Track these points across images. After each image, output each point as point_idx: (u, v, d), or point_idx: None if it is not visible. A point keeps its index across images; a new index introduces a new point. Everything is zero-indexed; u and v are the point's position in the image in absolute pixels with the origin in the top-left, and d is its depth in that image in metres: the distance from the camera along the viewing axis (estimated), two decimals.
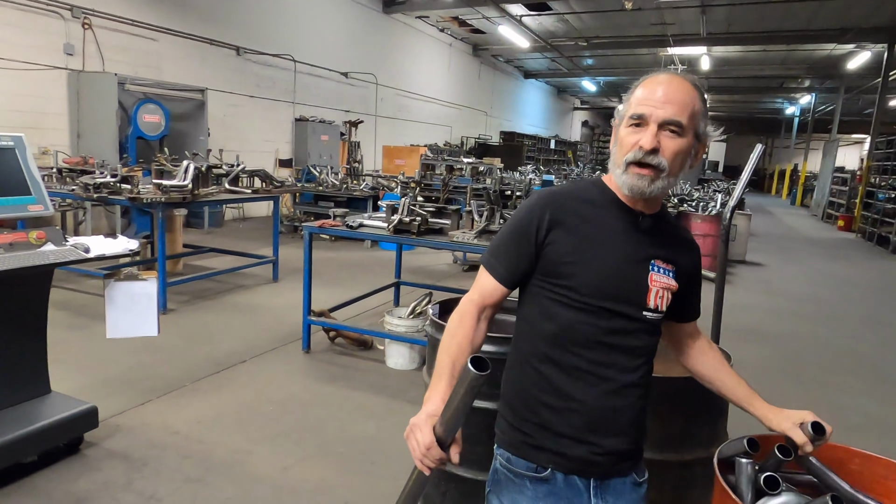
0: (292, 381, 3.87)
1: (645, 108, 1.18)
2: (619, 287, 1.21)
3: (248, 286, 6.11)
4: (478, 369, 0.93)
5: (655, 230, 1.27)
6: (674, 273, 1.27)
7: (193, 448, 2.96)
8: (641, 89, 1.21)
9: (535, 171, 15.16)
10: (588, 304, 1.20)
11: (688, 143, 1.19)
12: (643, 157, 1.16)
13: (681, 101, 1.18)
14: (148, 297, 2.88)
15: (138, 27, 8.81)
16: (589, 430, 1.21)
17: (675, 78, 1.21)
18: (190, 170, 5.14)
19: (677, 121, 1.17)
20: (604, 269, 1.21)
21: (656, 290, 1.24)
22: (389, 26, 15.02)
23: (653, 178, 1.17)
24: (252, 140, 10.97)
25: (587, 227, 1.23)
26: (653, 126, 1.17)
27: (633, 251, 1.24)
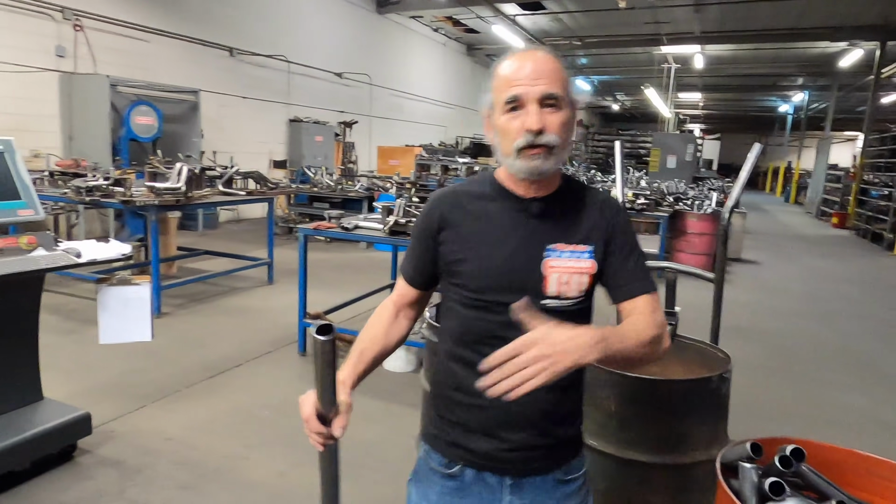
0: (288, 385, 3.84)
1: (518, 89, 1.12)
2: (510, 279, 1.17)
3: (243, 289, 6.07)
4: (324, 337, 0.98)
5: (553, 213, 1.21)
6: (590, 252, 1.19)
7: (187, 454, 2.93)
8: (506, 71, 1.15)
9: None
10: (480, 300, 1.19)
11: (568, 112, 1.16)
12: (533, 139, 1.12)
13: (550, 73, 1.13)
14: (141, 302, 2.84)
15: (130, 28, 8.75)
16: (495, 426, 1.20)
17: (534, 52, 1.17)
18: (183, 172, 5.09)
19: (554, 93, 1.12)
20: (492, 262, 1.19)
21: (557, 276, 1.17)
22: (383, 26, 14.99)
23: (546, 156, 1.14)
24: (246, 141, 10.92)
25: (477, 222, 1.22)
26: (532, 105, 1.12)
27: (525, 240, 1.19)
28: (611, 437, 2.00)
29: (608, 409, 1.99)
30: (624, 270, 1.21)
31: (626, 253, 1.22)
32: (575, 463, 1.28)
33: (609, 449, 1.99)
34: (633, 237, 1.25)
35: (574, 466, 1.27)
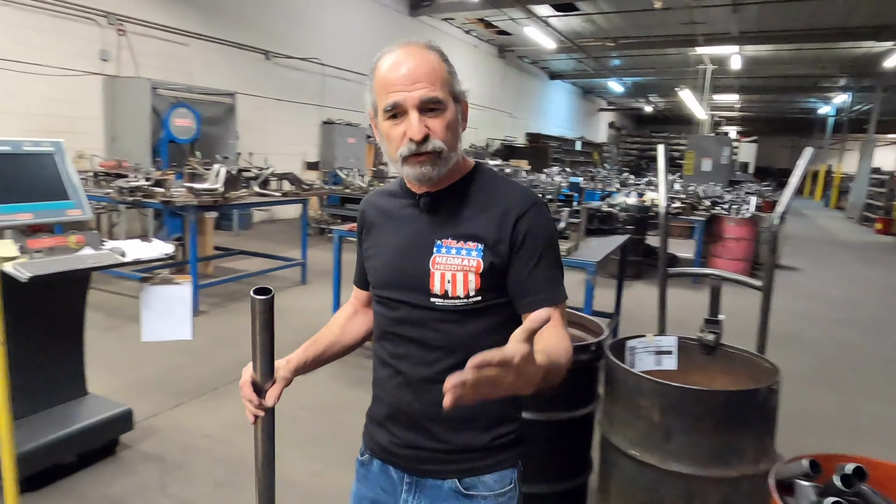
0: (322, 386, 3.87)
1: (397, 96, 1.07)
2: (399, 274, 1.17)
3: (277, 288, 6.09)
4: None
5: (445, 206, 1.16)
6: (479, 250, 1.10)
7: (225, 452, 2.97)
8: (383, 73, 1.09)
9: (561, 172, 15.04)
10: (379, 296, 1.22)
11: (453, 113, 1.11)
12: (417, 148, 1.08)
13: (428, 74, 1.07)
14: (182, 301, 2.90)
15: (171, 33, 8.97)
16: (388, 419, 1.22)
17: (410, 50, 1.10)
18: (221, 173, 5.19)
19: (434, 97, 1.07)
20: (386, 258, 1.21)
21: (441, 273, 1.11)
22: (415, 29, 15.05)
23: (434, 162, 1.09)
24: (280, 143, 11.08)
25: (385, 220, 1.24)
26: (413, 113, 1.06)
27: (415, 235, 1.17)
28: (653, 447, 1.95)
29: (651, 419, 1.95)
30: (530, 280, 1.12)
31: (534, 261, 1.12)
32: (484, 479, 1.16)
33: (651, 460, 1.94)
34: (545, 242, 1.14)
35: (482, 482, 1.16)
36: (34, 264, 2.33)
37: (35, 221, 2.55)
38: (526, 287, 1.12)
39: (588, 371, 2.33)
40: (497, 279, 1.12)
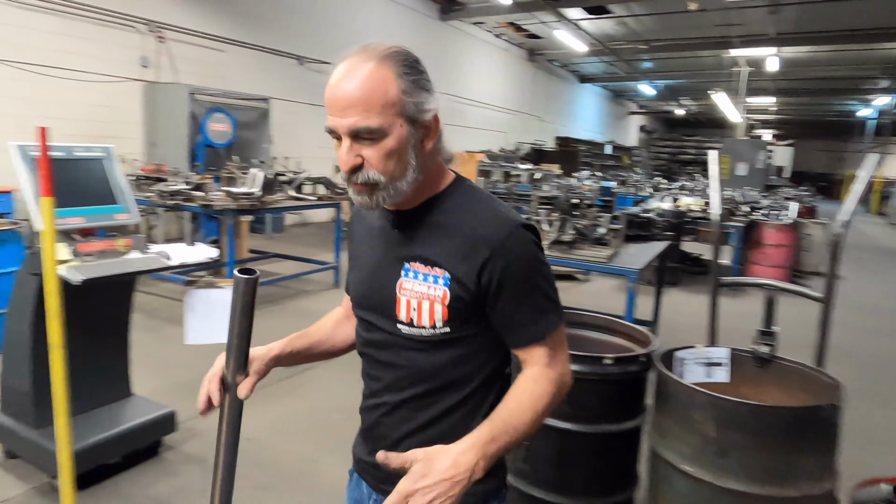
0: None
1: (331, 120, 0.98)
2: (370, 295, 1.11)
3: (310, 291, 6.20)
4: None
5: (414, 226, 1.06)
6: (446, 279, 1.01)
7: (264, 455, 2.99)
8: (327, 89, 0.99)
9: (591, 176, 14.88)
10: (356, 314, 1.18)
11: (396, 139, 0.97)
12: (348, 177, 0.99)
13: (364, 99, 0.95)
14: (224, 305, 2.91)
15: (208, 39, 9.14)
16: (364, 434, 1.21)
17: (354, 67, 0.97)
18: (259, 178, 5.25)
19: (365, 127, 0.95)
20: (360, 276, 1.15)
21: (407, 300, 1.03)
22: (445, 33, 15.09)
23: (371, 193, 0.99)
24: (311, 147, 11.18)
25: (365, 233, 1.18)
26: (345, 140, 0.97)
27: (387, 255, 1.09)
28: (708, 463, 1.89)
29: (706, 434, 1.89)
30: (520, 315, 1.03)
31: (523, 294, 1.03)
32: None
33: (706, 476, 1.88)
34: (531, 275, 1.03)
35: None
36: (86, 268, 2.38)
37: (87, 225, 2.61)
38: (511, 321, 1.03)
39: (636, 382, 2.27)
40: (466, 310, 1.02)
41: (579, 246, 3.62)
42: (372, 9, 12.38)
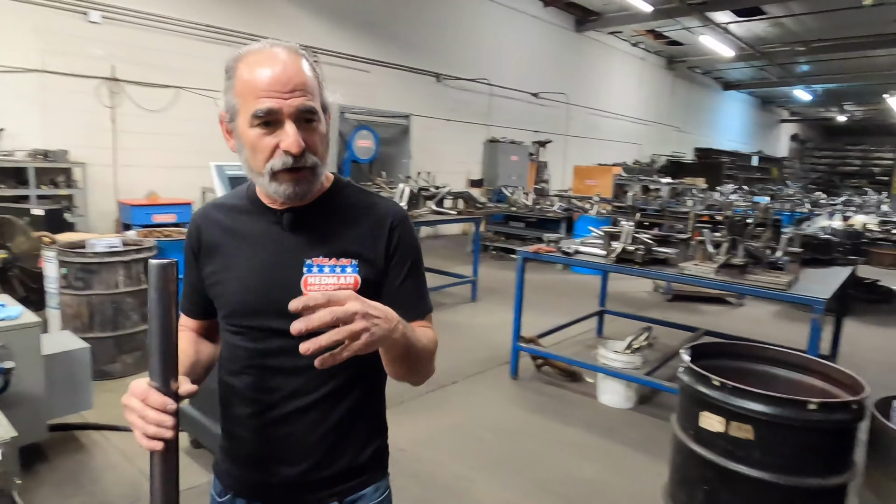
0: (503, 408, 3.83)
1: (272, 102, 0.95)
2: (267, 301, 1.04)
3: (448, 305, 6.29)
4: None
5: (313, 223, 1.07)
6: (354, 266, 1.05)
7: (418, 468, 3.03)
8: (252, 74, 0.97)
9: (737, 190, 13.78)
10: (237, 326, 1.08)
11: (325, 126, 1.03)
12: (294, 163, 0.97)
13: (305, 82, 0.97)
14: None
15: (356, 61, 9.72)
16: (261, 458, 1.09)
17: (285, 54, 0.98)
18: (405, 192, 5.44)
19: (311, 107, 0.98)
20: (244, 283, 1.07)
21: None
22: (581, 44, 14.81)
23: (309, 179, 1.01)
24: (447, 161, 11.47)
25: (231, 240, 1.10)
26: (289, 124, 0.96)
27: (280, 256, 1.06)
28: None
29: None
30: (402, 293, 1.10)
31: (406, 273, 1.11)
32: (364, 492, 1.14)
33: None
34: (413, 255, 1.12)
35: (362, 498, 1.14)
36: None
37: None
38: (396, 300, 1.04)
39: (845, 432, 1.99)
40: (371, 294, 0.98)
41: (752, 270, 3.30)
42: (507, 24, 12.48)
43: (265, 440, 1.10)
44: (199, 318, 1.20)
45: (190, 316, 1.21)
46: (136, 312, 3.95)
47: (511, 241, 9.21)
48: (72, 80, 6.71)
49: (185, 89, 7.62)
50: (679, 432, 2.24)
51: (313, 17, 9.06)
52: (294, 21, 8.80)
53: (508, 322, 4.30)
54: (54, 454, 2.94)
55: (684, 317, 6.09)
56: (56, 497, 2.62)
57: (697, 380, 2.12)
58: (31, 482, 2.70)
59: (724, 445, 1.99)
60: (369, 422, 1.16)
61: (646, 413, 3.81)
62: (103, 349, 3.80)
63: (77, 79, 6.75)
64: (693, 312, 6.50)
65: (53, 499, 2.61)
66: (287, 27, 8.68)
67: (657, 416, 3.73)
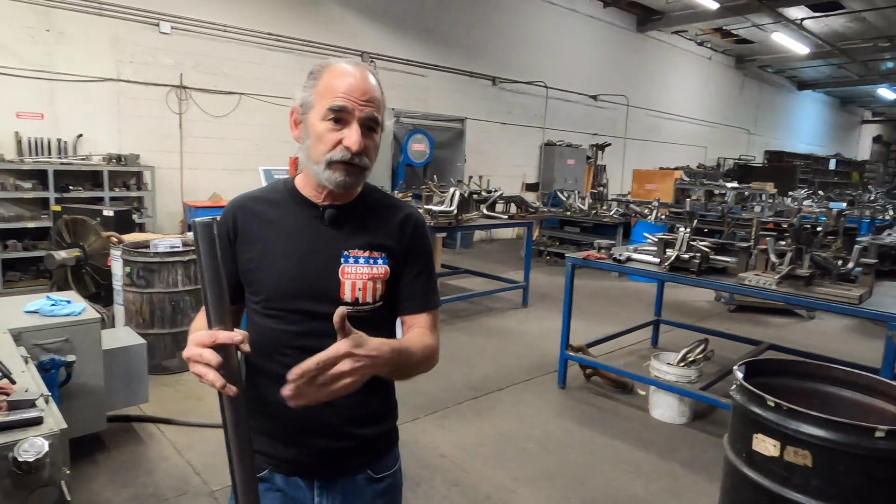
0: (549, 419, 3.73)
1: (348, 103, 1.12)
2: (306, 286, 1.17)
3: (499, 310, 6.22)
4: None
5: (350, 219, 1.22)
6: (384, 258, 1.21)
7: (459, 476, 2.99)
8: (337, 80, 1.13)
9: (810, 196, 13.00)
10: (276, 309, 1.18)
11: (380, 138, 1.19)
12: (350, 158, 1.13)
13: (377, 97, 1.15)
14: None
15: (412, 66, 9.81)
16: (297, 433, 1.20)
17: (365, 70, 1.17)
18: (455, 196, 5.42)
19: (377, 118, 1.15)
20: (286, 270, 1.18)
21: (352, 282, 1.17)
22: (642, 45, 14.40)
23: (357, 175, 1.16)
24: (502, 165, 11.39)
25: (270, 229, 1.21)
26: (356, 126, 1.12)
27: (320, 246, 1.19)
28: None
29: None
30: (415, 285, 1.25)
31: (420, 269, 1.26)
32: (385, 461, 1.30)
33: None
34: (428, 254, 1.29)
35: (384, 465, 1.29)
36: None
37: None
38: (412, 290, 1.25)
39: None
40: (394, 283, 1.23)
41: (819, 282, 3.08)
42: (565, 26, 12.28)
43: (303, 416, 1.15)
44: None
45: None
46: (194, 311, 4.11)
47: (565, 246, 9.04)
48: (143, 88, 7.09)
49: (248, 95, 7.90)
50: (730, 454, 2.10)
51: (372, 23, 9.21)
52: (353, 28, 8.97)
53: (558, 329, 4.21)
54: (112, 444, 3.09)
55: (748, 329, 5.78)
56: (112, 486, 2.74)
57: (751, 399, 1.98)
58: (90, 470, 2.84)
59: (779, 471, 1.85)
60: (388, 398, 1.32)
61: (701, 430, 3.62)
62: (162, 345, 3.97)
63: (148, 87, 7.12)
64: (758, 324, 6.16)
65: (109, 487, 2.73)
66: (346, 34, 8.87)
67: (713, 433, 3.54)
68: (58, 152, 6.50)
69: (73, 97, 6.62)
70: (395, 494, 1.34)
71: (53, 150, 6.47)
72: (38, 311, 2.77)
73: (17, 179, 6.22)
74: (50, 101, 6.49)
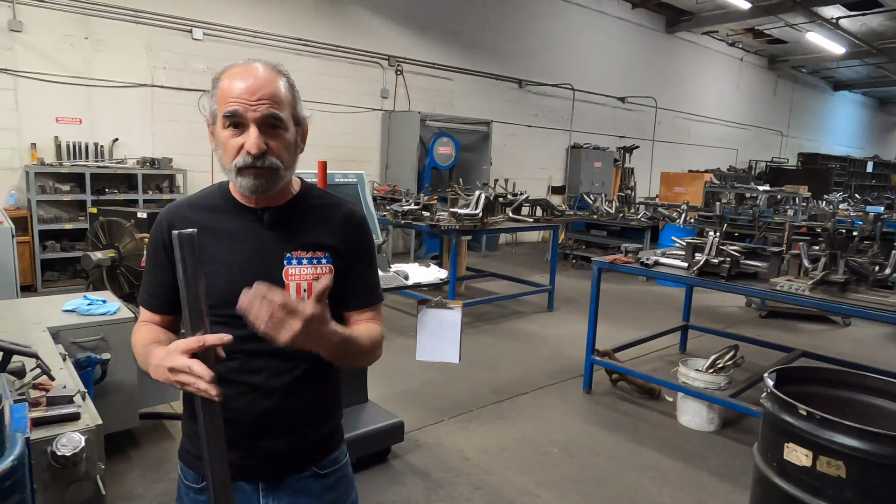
0: (574, 423, 3.70)
1: (239, 106, 1.10)
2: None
3: (524, 313, 6.20)
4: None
5: (289, 221, 1.22)
6: (328, 258, 1.21)
7: (483, 479, 2.99)
8: (228, 83, 1.12)
9: (846, 199, 12.65)
10: (222, 316, 1.13)
11: (292, 135, 1.16)
12: (253, 161, 1.11)
13: (273, 94, 1.12)
14: (453, 326, 3.01)
15: (438, 69, 9.85)
16: (241, 436, 1.17)
17: (258, 68, 1.13)
18: (481, 199, 5.42)
19: (275, 114, 1.12)
20: (227, 276, 1.16)
21: (297, 284, 1.19)
22: (671, 46, 14.21)
23: (268, 177, 1.13)
24: (528, 168, 11.35)
25: (208, 236, 1.16)
26: (252, 128, 1.10)
27: (261, 250, 1.19)
28: None
29: None
30: (362, 282, 1.28)
31: (365, 266, 1.29)
32: (333, 456, 1.30)
33: None
34: (372, 250, 1.31)
35: (331, 459, 1.29)
36: None
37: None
38: (360, 287, 1.28)
39: None
40: (338, 280, 1.19)
41: (854, 288, 3.00)
42: (592, 28, 12.19)
43: (248, 420, 1.19)
44: (161, 312, 1.26)
45: (151, 311, 1.27)
46: None
47: (591, 249, 8.95)
48: (176, 93, 7.26)
49: None
50: (761, 463, 2.06)
51: (398, 27, 9.28)
52: (379, 32, 9.05)
53: (584, 333, 4.18)
54: (144, 441, 3.17)
55: (780, 335, 5.65)
56: (144, 482, 2.81)
57: (782, 407, 1.94)
58: (123, 465, 2.92)
59: (811, 482, 1.81)
60: (333, 396, 1.32)
61: (730, 438, 3.56)
62: None
63: (181, 92, 7.29)
64: (790, 331, 6.02)
65: (142, 483, 2.80)
66: (371, 37, 8.95)
67: (743, 441, 3.47)
68: (94, 156, 6.69)
69: (110, 102, 6.82)
70: (346, 486, 1.34)
71: (90, 153, 6.67)
72: (76, 311, 2.86)
73: (56, 182, 6.42)
74: (87, 107, 6.69)
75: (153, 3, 6.94)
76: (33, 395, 1.79)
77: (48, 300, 3.10)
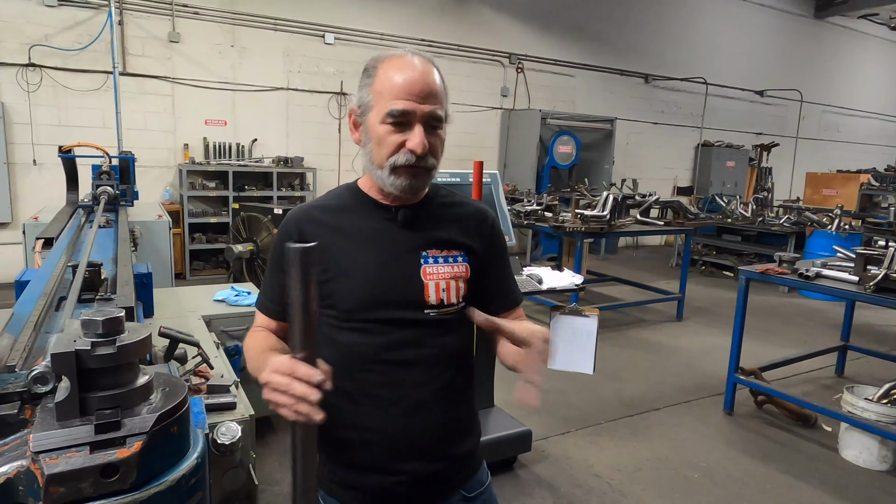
0: (714, 447, 3.39)
1: (408, 105, 1.03)
2: (389, 293, 1.09)
3: (649, 321, 5.84)
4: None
5: (422, 218, 1.15)
6: (464, 256, 1.15)
7: (618, 500, 2.80)
8: (392, 76, 1.04)
9: None
10: (357, 321, 1.08)
11: (445, 132, 1.11)
12: (415, 161, 1.05)
13: (437, 91, 1.06)
14: (589, 335, 2.84)
15: (559, 66, 9.60)
16: (387, 460, 1.10)
17: (423, 62, 1.07)
18: (609, 201, 5.16)
19: (440, 115, 1.07)
20: (364, 278, 1.09)
21: (435, 283, 1.10)
22: (819, 33, 12.84)
23: (424, 177, 1.09)
24: (652, 167, 10.76)
25: (341, 238, 1.12)
26: (418, 127, 1.04)
27: (397, 249, 1.12)
28: None
29: None
30: (504, 281, 1.23)
31: (503, 264, 1.24)
32: (477, 477, 1.22)
33: None
34: (506, 250, 1.25)
35: (476, 481, 1.21)
36: None
37: None
38: (503, 288, 1.23)
39: None
40: (475, 282, 1.16)
41: None
42: (728, 16, 11.30)
43: (397, 437, 1.11)
44: (279, 318, 1.18)
45: (272, 317, 1.19)
46: None
47: (723, 255, 8.29)
48: (308, 95, 7.65)
49: None
50: None
51: (522, 24, 9.14)
52: (501, 30, 8.97)
53: (719, 347, 3.84)
54: (280, 427, 3.31)
55: None
56: (282, 468, 2.93)
57: None
58: (262, 451, 3.06)
59: None
60: (472, 407, 1.24)
61: None
62: None
63: (313, 94, 7.67)
64: None
65: (279, 469, 2.92)
66: (494, 36, 8.89)
67: None
68: (236, 155, 7.22)
69: (250, 105, 7.32)
70: None
71: (233, 153, 7.20)
72: (225, 301, 3.04)
73: (203, 179, 7.00)
74: (231, 110, 7.23)
75: (291, 11, 7.35)
76: (195, 382, 1.89)
77: (200, 290, 3.33)
